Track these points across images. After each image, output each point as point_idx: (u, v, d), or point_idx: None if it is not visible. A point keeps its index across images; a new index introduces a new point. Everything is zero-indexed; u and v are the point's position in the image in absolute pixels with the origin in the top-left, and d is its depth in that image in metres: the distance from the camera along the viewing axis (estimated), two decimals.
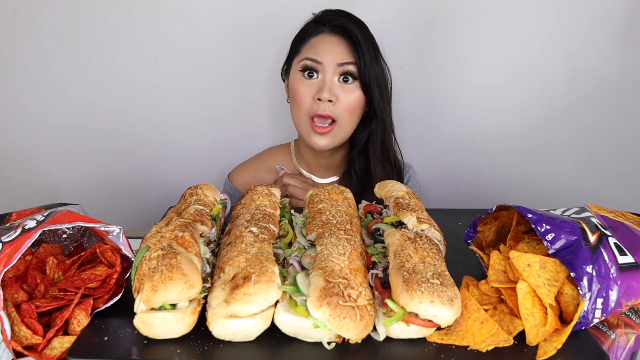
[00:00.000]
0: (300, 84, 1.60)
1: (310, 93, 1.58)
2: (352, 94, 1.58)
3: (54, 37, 1.99)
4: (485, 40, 1.98)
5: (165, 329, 0.86)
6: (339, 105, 1.57)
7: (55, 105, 2.10)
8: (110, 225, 1.00)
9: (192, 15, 1.99)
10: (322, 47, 1.58)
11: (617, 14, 1.92)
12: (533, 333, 0.87)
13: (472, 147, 2.16)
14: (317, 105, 1.57)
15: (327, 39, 1.59)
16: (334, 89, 1.57)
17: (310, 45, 1.61)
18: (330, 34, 1.59)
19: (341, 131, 1.62)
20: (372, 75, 1.58)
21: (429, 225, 1.07)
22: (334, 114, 1.58)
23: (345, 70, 1.56)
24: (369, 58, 1.57)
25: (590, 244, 0.92)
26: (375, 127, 1.68)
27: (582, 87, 2.02)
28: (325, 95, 1.54)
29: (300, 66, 1.60)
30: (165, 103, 2.11)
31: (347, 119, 1.60)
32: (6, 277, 0.98)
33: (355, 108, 1.61)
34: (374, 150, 1.70)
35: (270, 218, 1.11)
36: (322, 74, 1.58)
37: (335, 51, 1.57)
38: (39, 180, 2.21)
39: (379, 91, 1.61)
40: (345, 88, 1.58)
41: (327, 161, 1.77)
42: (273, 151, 1.92)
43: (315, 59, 1.57)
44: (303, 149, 1.79)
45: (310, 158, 1.79)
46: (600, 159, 2.13)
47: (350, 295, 0.86)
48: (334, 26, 1.59)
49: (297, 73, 1.61)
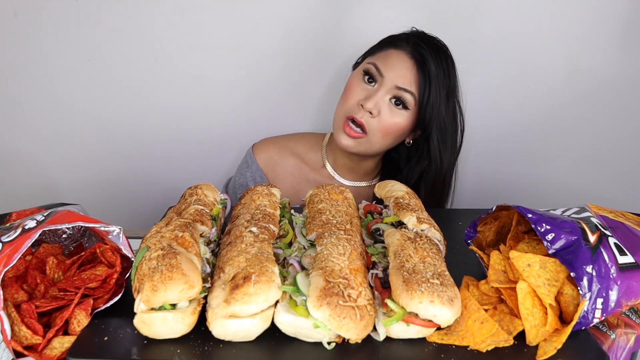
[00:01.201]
0: (356, 83, 1.59)
1: (359, 96, 1.56)
2: (396, 118, 1.55)
3: (54, 37, 1.99)
4: (485, 40, 1.98)
5: (165, 329, 0.86)
6: (377, 121, 1.54)
7: (55, 105, 2.10)
8: (110, 225, 1.00)
9: (192, 15, 1.98)
10: (392, 62, 1.55)
11: (617, 14, 1.92)
12: (533, 333, 0.87)
13: (472, 147, 2.16)
14: (358, 109, 1.55)
15: (402, 57, 1.55)
16: (380, 103, 1.54)
17: (385, 54, 1.58)
18: (408, 55, 1.55)
19: (368, 145, 1.59)
20: (434, 115, 1.55)
21: (429, 225, 1.07)
22: (368, 125, 1.55)
23: (399, 95, 1.53)
24: (435, 97, 1.54)
25: (590, 244, 0.92)
26: (428, 168, 1.65)
27: (582, 86, 2.02)
28: (368, 106, 1.52)
29: (366, 67, 1.59)
30: (166, 103, 2.11)
31: (378, 136, 1.57)
32: (6, 277, 0.98)
33: (392, 132, 1.57)
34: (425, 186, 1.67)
35: (270, 218, 1.10)
36: (378, 85, 1.55)
37: (403, 74, 1.53)
38: (39, 180, 2.21)
39: (439, 135, 1.58)
40: (392, 109, 1.55)
41: (355, 165, 1.75)
42: (305, 136, 1.89)
43: (380, 69, 1.55)
44: (335, 144, 1.75)
45: (337, 153, 1.76)
46: (600, 159, 2.13)
47: (350, 295, 0.86)
48: (415, 50, 1.55)
49: (360, 73, 1.60)
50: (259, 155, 1.84)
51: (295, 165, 1.82)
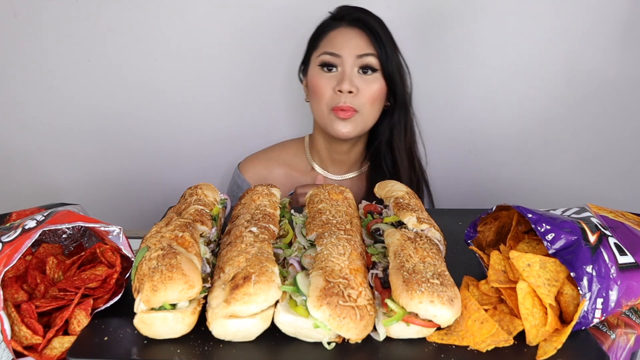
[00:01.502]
0: (320, 78, 1.59)
1: (331, 85, 1.58)
2: (373, 85, 1.58)
3: (54, 37, 1.99)
4: (485, 40, 1.98)
5: (165, 329, 0.86)
6: (360, 96, 1.57)
7: (55, 105, 2.10)
8: (110, 225, 1.00)
9: (192, 15, 1.99)
10: (340, 40, 1.58)
11: (617, 14, 1.92)
12: (533, 333, 0.87)
13: (472, 147, 2.16)
14: (338, 97, 1.56)
15: (345, 31, 1.58)
16: (354, 80, 1.56)
17: (328, 39, 1.60)
18: (348, 27, 1.59)
19: (362, 120, 1.61)
20: (393, 65, 1.59)
21: (429, 225, 1.07)
22: (355, 105, 1.57)
23: (364, 62, 1.56)
24: (389, 49, 1.58)
25: (590, 244, 0.92)
26: (399, 117, 1.68)
27: (582, 87, 2.02)
28: (345, 87, 1.53)
29: (319, 61, 1.59)
30: (165, 103, 2.11)
31: (368, 108, 1.60)
32: (6, 277, 0.98)
33: (377, 98, 1.60)
34: (398, 142, 1.70)
35: (270, 218, 1.10)
36: (341, 67, 1.57)
37: (354, 43, 1.56)
38: (39, 180, 2.21)
39: (400, 80, 1.62)
40: (365, 79, 1.58)
41: (343, 157, 1.76)
42: (286, 145, 1.90)
43: (334, 52, 1.57)
44: (319, 143, 1.77)
45: (325, 153, 1.77)
46: (600, 159, 2.13)
47: (350, 295, 0.86)
48: (352, 19, 1.59)
49: (316, 68, 1.61)
50: (247, 174, 1.84)
51: (285, 174, 1.83)
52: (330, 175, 1.79)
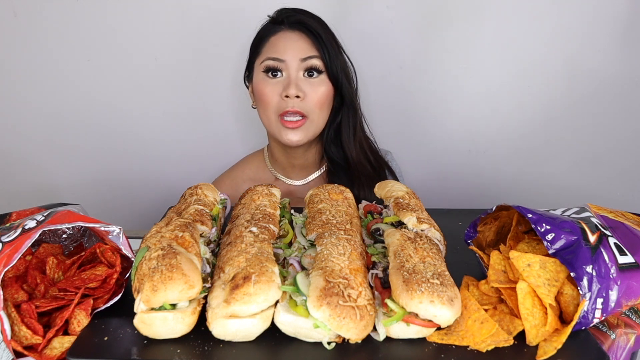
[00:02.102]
0: (265, 84, 1.56)
1: (277, 91, 1.55)
2: (320, 88, 1.56)
3: (54, 37, 1.99)
4: (486, 40, 1.98)
5: (165, 329, 0.86)
6: (308, 101, 1.54)
7: (55, 105, 2.10)
8: (110, 225, 1.00)
9: (192, 16, 1.99)
10: (282, 44, 1.55)
11: (617, 14, 1.92)
12: (533, 333, 0.87)
13: (472, 147, 2.16)
14: (285, 102, 1.53)
15: (286, 35, 1.56)
16: (300, 84, 1.53)
17: (270, 44, 1.57)
18: (290, 30, 1.56)
19: (313, 125, 1.59)
20: (338, 66, 1.57)
21: (429, 225, 1.07)
22: (304, 109, 1.54)
23: (309, 65, 1.54)
24: (332, 50, 1.55)
25: (590, 244, 0.92)
26: (345, 114, 1.66)
27: (582, 87, 2.02)
28: (292, 92, 1.51)
29: (263, 67, 1.56)
30: (165, 103, 2.11)
31: (317, 113, 1.58)
32: (6, 277, 0.98)
33: (325, 101, 1.58)
34: (347, 137, 1.67)
35: (270, 218, 1.10)
36: (286, 71, 1.54)
37: (296, 47, 1.54)
38: (39, 180, 2.21)
39: (347, 81, 1.60)
40: (311, 83, 1.55)
41: (301, 161, 1.73)
42: (247, 160, 1.88)
43: (277, 57, 1.53)
44: (275, 152, 1.75)
45: (284, 160, 1.74)
46: (600, 159, 2.13)
47: (350, 295, 0.86)
48: (292, 22, 1.56)
49: (260, 74, 1.57)
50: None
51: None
52: (294, 182, 1.77)
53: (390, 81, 2.05)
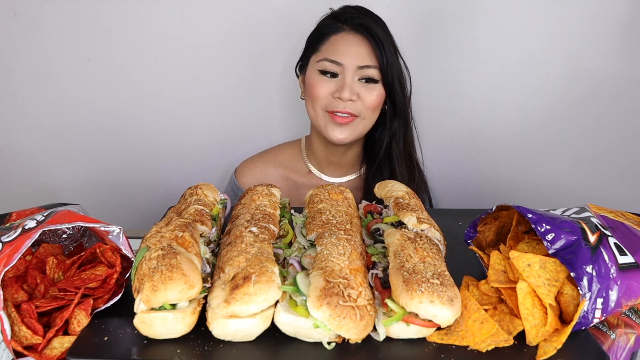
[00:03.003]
0: (320, 83, 1.56)
1: (330, 89, 1.56)
2: (374, 92, 1.57)
3: (54, 37, 1.99)
4: (486, 40, 1.98)
5: (165, 329, 0.86)
6: (361, 103, 1.56)
7: (55, 105, 2.10)
8: (110, 225, 1.00)
9: (192, 15, 1.99)
10: (342, 47, 1.54)
11: (617, 14, 1.92)
12: (533, 333, 0.87)
13: (472, 147, 2.16)
14: (337, 102, 1.55)
15: (347, 38, 1.55)
16: (355, 87, 1.54)
17: (330, 44, 1.57)
18: (351, 33, 1.55)
19: (362, 124, 1.60)
20: (394, 74, 1.57)
21: (429, 225, 1.07)
22: (356, 111, 1.56)
23: (365, 75, 1.55)
24: (390, 57, 1.55)
25: (590, 244, 0.92)
26: (398, 126, 1.66)
27: (582, 87, 2.02)
28: (346, 95, 1.52)
29: (320, 67, 1.56)
30: (166, 103, 2.11)
31: (370, 114, 1.59)
32: (6, 277, 0.98)
33: (378, 105, 1.60)
34: (397, 150, 1.68)
35: (270, 218, 1.10)
36: (342, 74, 1.55)
37: (356, 52, 1.53)
38: (39, 180, 2.21)
39: (400, 88, 1.60)
40: (366, 87, 1.56)
41: (339, 159, 1.74)
42: (283, 147, 1.89)
43: (336, 60, 1.53)
44: (315, 145, 1.75)
45: (322, 155, 1.75)
46: (600, 159, 2.13)
47: (350, 295, 0.86)
48: (355, 24, 1.55)
49: (315, 72, 1.58)
50: (242, 180, 1.83)
51: (282, 175, 1.82)
52: (328, 177, 1.78)
53: None
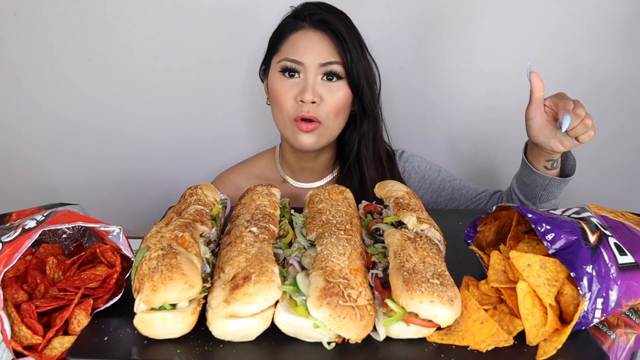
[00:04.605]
0: (281, 85, 1.50)
1: (292, 93, 1.49)
2: (338, 93, 1.49)
3: (54, 37, 1.99)
4: (486, 40, 1.98)
5: (165, 329, 0.86)
6: (324, 106, 1.48)
7: (56, 105, 2.10)
8: (110, 225, 1.00)
9: (192, 15, 1.99)
10: (302, 45, 1.47)
11: (617, 14, 1.92)
12: (533, 333, 0.87)
13: (472, 147, 2.16)
14: (300, 106, 1.48)
15: (308, 35, 1.48)
16: (317, 89, 1.47)
17: (289, 43, 1.50)
18: (312, 30, 1.48)
19: (327, 132, 1.53)
20: (360, 72, 1.49)
21: (429, 225, 1.07)
22: (319, 115, 1.49)
23: (328, 70, 1.47)
24: (355, 54, 1.48)
25: (590, 244, 0.92)
26: (367, 128, 1.60)
27: (582, 87, 2.02)
28: (308, 97, 1.45)
29: (280, 67, 1.50)
30: (166, 103, 2.11)
31: (332, 119, 1.51)
32: (6, 277, 0.98)
33: (342, 108, 1.52)
34: (366, 152, 1.61)
35: (270, 218, 1.10)
36: (303, 74, 1.48)
37: (317, 50, 1.46)
38: (39, 180, 2.21)
39: (368, 88, 1.53)
40: (329, 87, 1.49)
41: (312, 165, 1.69)
42: (258, 157, 1.85)
43: (296, 59, 1.47)
44: (286, 153, 1.70)
45: (294, 162, 1.70)
46: (600, 159, 2.13)
47: (350, 295, 0.86)
48: (315, 21, 1.48)
49: (276, 74, 1.51)
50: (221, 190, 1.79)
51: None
52: (302, 184, 1.72)
53: (390, 81, 2.05)
